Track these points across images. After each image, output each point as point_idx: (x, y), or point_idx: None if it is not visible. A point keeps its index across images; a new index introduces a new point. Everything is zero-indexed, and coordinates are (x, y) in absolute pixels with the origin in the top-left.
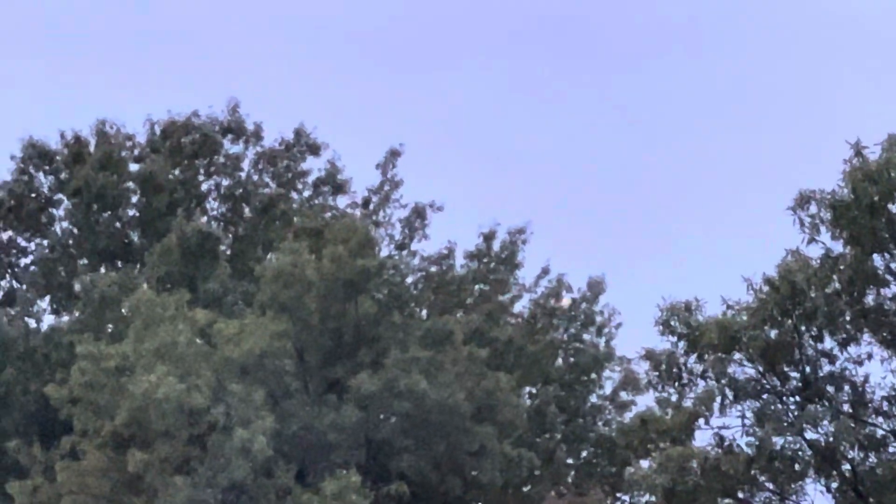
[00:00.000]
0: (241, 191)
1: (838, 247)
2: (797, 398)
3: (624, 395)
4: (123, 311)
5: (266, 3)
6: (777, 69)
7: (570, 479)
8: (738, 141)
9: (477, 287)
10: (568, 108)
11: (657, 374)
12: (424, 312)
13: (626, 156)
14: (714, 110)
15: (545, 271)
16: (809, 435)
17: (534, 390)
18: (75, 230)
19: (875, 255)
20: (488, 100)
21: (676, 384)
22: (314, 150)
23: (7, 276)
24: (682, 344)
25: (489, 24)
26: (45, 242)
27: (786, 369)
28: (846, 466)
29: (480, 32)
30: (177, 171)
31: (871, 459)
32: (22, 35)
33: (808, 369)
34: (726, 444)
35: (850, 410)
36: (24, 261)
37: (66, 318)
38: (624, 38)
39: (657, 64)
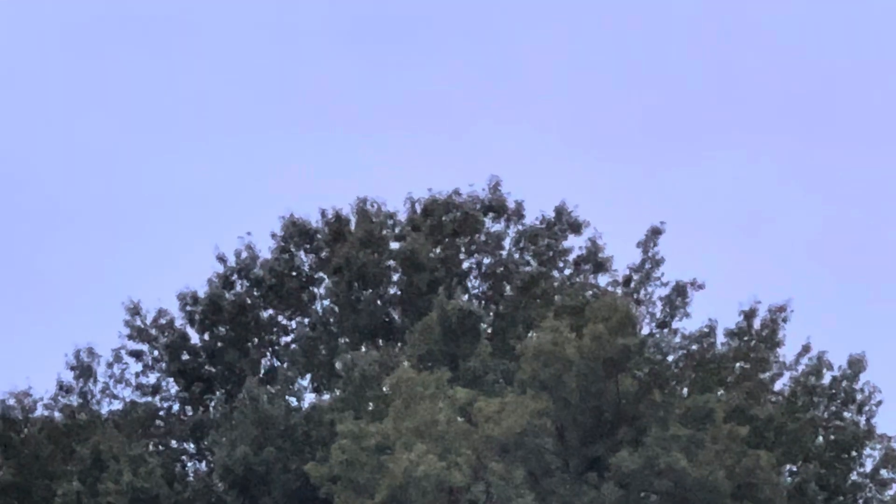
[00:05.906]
0: (501, 269)
1: None
2: None
3: (884, 473)
4: (384, 389)
5: (526, 83)
6: None
7: None
8: None
9: (738, 365)
10: (826, 183)
11: None
12: (685, 390)
13: (887, 231)
14: None
15: (806, 349)
16: None
17: (794, 468)
18: (336, 308)
19: None
20: (748, 177)
21: None
22: (575, 228)
23: (268, 354)
24: None
25: (747, 103)
26: (306, 321)
27: None
28: None
29: (739, 112)
30: (438, 250)
31: None
32: (281, 115)
33: None
34: None
35: None
36: (284, 339)
37: (326, 397)
38: (866, 112)
39: None
